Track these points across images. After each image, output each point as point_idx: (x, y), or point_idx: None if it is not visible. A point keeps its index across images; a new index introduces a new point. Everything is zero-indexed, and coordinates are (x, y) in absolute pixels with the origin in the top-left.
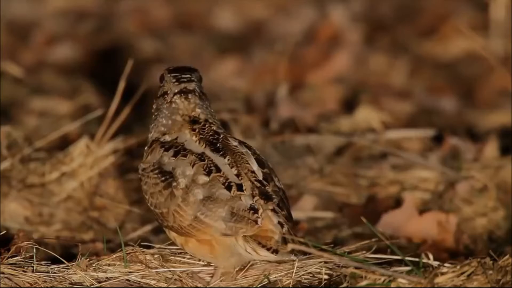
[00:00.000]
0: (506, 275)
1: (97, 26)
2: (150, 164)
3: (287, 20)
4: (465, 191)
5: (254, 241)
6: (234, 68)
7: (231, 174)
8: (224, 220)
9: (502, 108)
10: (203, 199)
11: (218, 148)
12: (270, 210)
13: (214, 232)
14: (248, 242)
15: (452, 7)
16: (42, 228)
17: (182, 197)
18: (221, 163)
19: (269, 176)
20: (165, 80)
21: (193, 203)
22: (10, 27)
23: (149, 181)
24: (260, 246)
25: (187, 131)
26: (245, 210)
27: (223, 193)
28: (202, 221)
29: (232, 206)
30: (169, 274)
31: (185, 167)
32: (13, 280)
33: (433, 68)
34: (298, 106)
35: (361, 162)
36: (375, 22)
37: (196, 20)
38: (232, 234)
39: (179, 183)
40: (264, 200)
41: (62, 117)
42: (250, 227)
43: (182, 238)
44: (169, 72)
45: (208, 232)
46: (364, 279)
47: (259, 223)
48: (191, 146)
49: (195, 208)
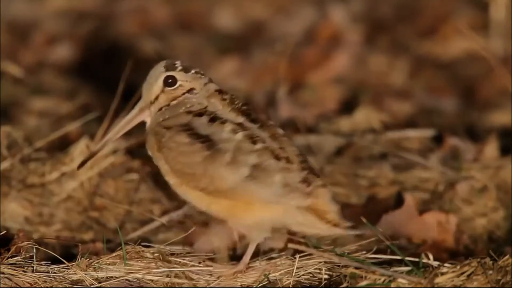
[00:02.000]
0: (506, 275)
1: (97, 26)
2: (176, 125)
3: (287, 20)
4: (465, 191)
5: (312, 213)
6: (234, 68)
7: (275, 146)
8: (275, 189)
9: (502, 108)
10: (252, 167)
11: (254, 119)
12: (321, 186)
13: (261, 199)
14: (303, 214)
15: (452, 7)
16: (42, 228)
17: (227, 161)
18: (262, 134)
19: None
20: (185, 80)
21: (240, 169)
22: (10, 27)
23: (179, 140)
24: (319, 219)
25: (217, 102)
26: (297, 182)
27: (272, 163)
28: (249, 188)
29: (284, 176)
30: (169, 274)
31: (227, 134)
32: (13, 280)
33: (433, 68)
34: (298, 106)
35: (361, 162)
36: (375, 22)
37: (196, 20)
38: (282, 203)
39: (223, 147)
40: (313, 175)
41: (62, 117)
42: (303, 199)
43: (207, 199)
44: (187, 69)
45: (254, 199)
46: (364, 279)
47: (312, 196)
48: (226, 115)
49: (242, 174)
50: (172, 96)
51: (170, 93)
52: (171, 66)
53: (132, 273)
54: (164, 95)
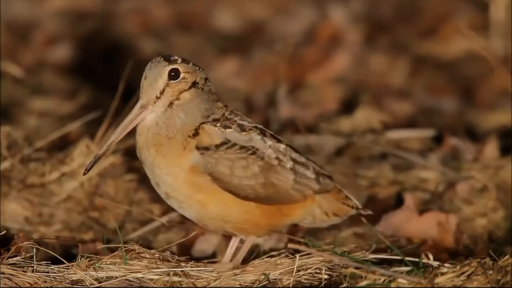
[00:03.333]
0: (506, 275)
1: (97, 26)
2: (218, 143)
3: (287, 20)
4: (465, 191)
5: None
6: (234, 68)
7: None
8: (315, 179)
9: (502, 108)
10: (293, 164)
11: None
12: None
13: (311, 191)
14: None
15: (452, 7)
16: (42, 228)
17: (279, 165)
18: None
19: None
20: (187, 72)
21: (289, 168)
22: (10, 27)
23: (232, 157)
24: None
25: (221, 105)
26: (321, 171)
27: (300, 156)
28: (302, 183)
29: (313, 167)
30: (169, 274)
31: (260, 139)
32: (13, 280)
33: (433, 68)
34: (298, 106)
35: (361, 162)
36: (375, 22)
37: (196, 20)
38: (322, 191)
39: (268, 153)
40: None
41: (62, 117)
42: (333, 185)
43: (245, 208)
44: (187, 62)
45: (307, 192)
46: (364, 279)
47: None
48: (244, 121)
49: (292, 172)
50: (177, 89)
51: (175, 86)
52: (172, 60)
53: (132, 273)
54: (170, 89)
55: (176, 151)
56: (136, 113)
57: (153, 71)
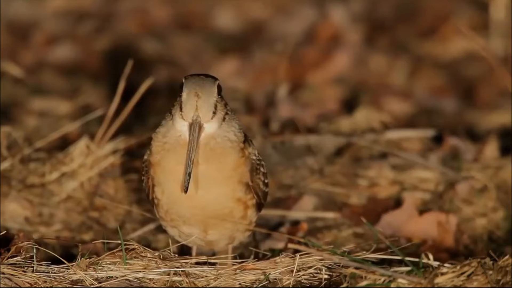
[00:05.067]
0: (506, 275)
1: (97, 26)
2: (254, 154)
3: (287, 20)
4: (465, 191)
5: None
6: (234, 68)
7: None
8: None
9: (502, 108)
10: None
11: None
12: None
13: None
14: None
15: (452, 7)
16: (42, 228)
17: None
18: None
19: None
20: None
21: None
22: (10, 27)
23: (264, 168)
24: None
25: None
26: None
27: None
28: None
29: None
30: (169, 274)
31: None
32: (13, 280)
33: (433, 68)
34: (298, 106)
35: (361, 162)
36: (375, 22)
37: (196, 20)
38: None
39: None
40: None
41: (62, 117)
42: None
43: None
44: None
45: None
46: (364, 279)
47: None
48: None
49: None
50: (223, 103)
51: (221, 101)
52: (213, 76)
53: (132, 273)
54: (219, 104)
55: (231, 162)
56: (198, 134)
57: (206, 88)
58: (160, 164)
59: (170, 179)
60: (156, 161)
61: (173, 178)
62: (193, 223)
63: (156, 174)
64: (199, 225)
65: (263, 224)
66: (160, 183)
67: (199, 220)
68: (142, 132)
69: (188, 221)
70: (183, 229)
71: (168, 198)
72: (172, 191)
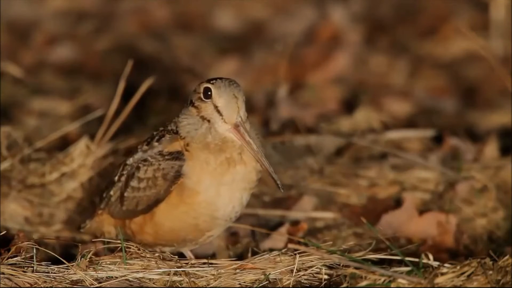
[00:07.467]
0: (506, 275)
1: (97, 26)
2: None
3: (287, 20)
4: (465, 191)
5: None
6: (234, 68)
7: None
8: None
9: (502, 108)
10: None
11: None
12: None
13: None
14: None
15: (452, 7)
16: (42, 228)
17: None
18: None
19: None
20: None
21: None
22: (10, 27)
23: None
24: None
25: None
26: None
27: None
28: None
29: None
30: (169, 274)
31: None
32: (13, 280)
33: (433, 68)
34: (298, 106)
35: (361, 162)
36: (375, 22)
37: (196, 20)
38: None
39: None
40: None
41: (62, 117)
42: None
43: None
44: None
45: None
46: (364, 279)
47: None
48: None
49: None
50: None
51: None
52: (228, 78)
53: (132, 273)
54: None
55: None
56: (247, 131)
57: (239, 89)
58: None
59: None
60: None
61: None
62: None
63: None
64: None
65: (263, 224)
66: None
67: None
68: (142, 132)
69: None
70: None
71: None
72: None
